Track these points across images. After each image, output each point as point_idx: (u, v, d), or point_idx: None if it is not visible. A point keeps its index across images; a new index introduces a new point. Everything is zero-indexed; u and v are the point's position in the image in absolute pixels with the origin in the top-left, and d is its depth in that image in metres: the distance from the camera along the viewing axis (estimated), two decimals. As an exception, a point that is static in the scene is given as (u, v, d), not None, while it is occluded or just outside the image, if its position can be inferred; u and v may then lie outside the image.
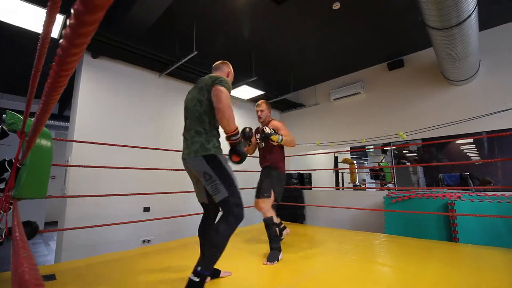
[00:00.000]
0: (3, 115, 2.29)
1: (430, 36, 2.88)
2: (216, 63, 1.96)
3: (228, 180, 1.54)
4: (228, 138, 1.61)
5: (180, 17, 3.40)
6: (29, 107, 1.16)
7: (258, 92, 4.81)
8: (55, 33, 2.88)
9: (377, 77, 4.85)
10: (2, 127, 2.04)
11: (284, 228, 2.93)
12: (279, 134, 2.38)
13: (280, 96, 5.28)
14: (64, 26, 2.75)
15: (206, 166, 1.54)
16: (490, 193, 3.29)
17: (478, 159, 4.23)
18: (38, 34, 2.82)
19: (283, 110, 6.28)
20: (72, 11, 0.22)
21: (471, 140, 4.12)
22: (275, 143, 2.44)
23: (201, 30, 3.64)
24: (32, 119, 1.90)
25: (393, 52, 4.44)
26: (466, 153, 4.40)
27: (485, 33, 3.69)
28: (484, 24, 3.56)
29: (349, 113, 5.14)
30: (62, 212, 3.10)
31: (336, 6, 3.24)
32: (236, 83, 4.42)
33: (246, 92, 4.77)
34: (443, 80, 3.96)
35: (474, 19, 2.57)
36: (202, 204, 1.84)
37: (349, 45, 4.21)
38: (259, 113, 2.62)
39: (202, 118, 1.63)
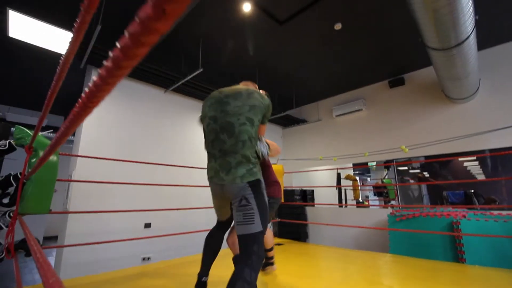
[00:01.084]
0: (12, 129, 2.33)
1: (430, 56, 2.95)
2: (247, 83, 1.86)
3: (265, 213, 1.37)
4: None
5: (187, 36, 3.51)
6: (40, 123, 1.18)
7: (261, 108, 4.87)
8: (62, 49, 2.98)
9: (378, 95, 4.91)
10: (10, 142, 2.07)
11: (272, 264, 2.36)
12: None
13: (283, 112, 5.34)
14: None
15: (248, 191, 1.36)
16: (496, 212, 3.24)
17: (482, 176, 4.20)
18: (45, 50, 2.93)
19: (285, 126, 6.32)
20: (118, 45, 0.24)
21: (474, 158, 4.11)
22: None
23: (207, 48, 3.75)
24: (40, 133, 1.93)
25: (393, 70, 4.53)
26: (469, 170, 4.38)
27: (484, 53, 3.78)
28: (483, 44, 3.65)
29: (351, 130, 5.17)
30: (63, 228, 3.07)
31: (338, 26, 3.34)
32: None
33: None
34: (444, 98, 4.01)
35: (472, 40, 2.64)
36: (219, 221, 1.75)
37: (350, 63, 4.30)
38: None
39: (252, 141, 1.43)
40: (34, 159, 1.97)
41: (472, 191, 4.09)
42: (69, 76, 4.42)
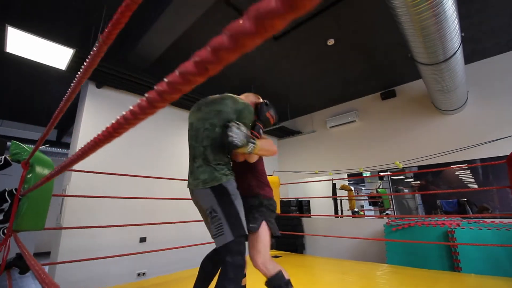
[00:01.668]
0: (8, 143, 2.31)
1: (419, 70, 3.07)
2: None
3: (234, 220, 1.28)
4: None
5: (183, 51, 3.58)
6: (41, 141, 1.19)
7: (256, 120, 4.93)
8: (62, 65, 3.01)
9: (371, 106, 5.03)
10: (5, 157, 2.05)
11: None
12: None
13: (278, 123, 5.41)
14: (74, 59, 2.87)
15: (213, 199, 1.30)
16: (488, 220, 3.30)
17: (474, 185, 4.28)
18: (40, 64, 2.94)
19: (281, 137, 6.38)
20: (156, 88, 0.26)
21: (466, 166, 4.21)
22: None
23: (203, 63, 3.82)
24: (32, 146, 1.92)
25: (385, 83, 4.67)
26: (462, 179, 4.47)
27: (471, 66, 3.94)
28: (469, 58, 3.82)
29: (345, 140, 5.25)
30: (56, 244, 3.00)
31: (331, 42, 3.46)
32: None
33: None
34: (434, 109, 4.13)
35: (459, 55, 2.77)
36: None
37: (343, 76, 4.42)
38: None
39: (214, 146, 1.38)
40: (30, 175, 1.95)
41: (465, 199, 4.16)
42: (65, 90, 4.44)
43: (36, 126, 5.89)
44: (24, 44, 2.65)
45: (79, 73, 0.56)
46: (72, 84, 0.65)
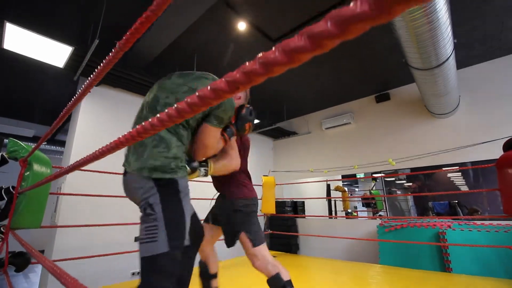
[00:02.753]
0: (5, 140, 2.30)
1: (413, 75, 3.14)
2: None
3: (177, 227, 0.96)
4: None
5: (182, 51, 3.59)
6: (43, 139, 1.21)
7: (253, 121, 4.97)
8: (60, 62, 3.00)
9: (365, 109, 5.11)
10: (2, 154, 2.05)
11: None
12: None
13: (274, 124, 5.46)
14: (72, 57, 2.87)
15: (154, 194, 0.96)
16: (478, 222, 3.40)
17: (465, 187, 4.39)
18: (36, 61, 2.93)
19: (276, 138, 6.43)
20: (187, 100, 0.29)
21: (457, 168, 4.31)
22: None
23: (201, 63, 3.84)
24: (30, 143, 1.92)
25: (379, 86, 4.75)
26: (453, 181, 4.57)
27: (462, 71, 4.04)
28: (461, 63, 3.91)
29: (341, 142, 5.32)
30: (51, 242, 2.98)
31: (327, 45, 3.51)
32: (232, 112, 4.56)
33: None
34: (427, 113, 4.22)
35: (452, 61, 2.85)
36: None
37: (338, 79, 4.49)
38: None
39: (177, 130, 1.07)
40: (27, 173, 1.95)
41: (456, 201, 4.27)
42: (60, 87, 4.41)
43: (29, 123, 5.82)
44: (22, 41, 2.64)
45: (91, 76, 0.58)
46: (82, 87, 0.67)
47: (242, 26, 3.13)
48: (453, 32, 2.50)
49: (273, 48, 0.20)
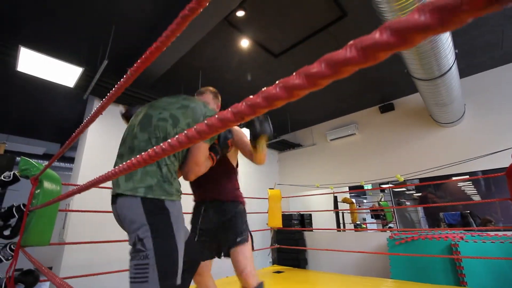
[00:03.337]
0: (17, 158, 2.36)
1: (416, 85, 3.16)
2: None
3: (169, 263, 0.89)
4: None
5: (187, 68, 3.70)
6: (55, 158, 1.25)
7: (257, 134, 5.01)
8: (71, 82, 3.11)
9: (370, 119, 5.11)
10: (14, 173, 2.10)
11: None
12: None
13: (278, 136, 5.48)
14: (82, 77, 2.98)
15: (144, 225, 0.88)
16: (492, 233, 3.29)
17: (477, 196, 4.29)
18: (47, 81, 3.04)
19: (281, 150, 6.43)
20: (193, 129, 0.31)
21: (467, 177, 4.23)
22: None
23: (205, 79, 3.93)
24: (40, 161, 1.97)
25: (383, 96, 4.77)
26: (464, 190, 4.47)
27: (466, 80, 4.04)
28: (465, 72, 3.93)
29: (346, 153, 5.30)
30: (58, 259, 2.99)
31: (329, 58, 3.57)
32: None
33: (246, 133, 4.97)
34: (433, 122, 4.20)
35: (454, 70, 2.86)
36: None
37: (342, 91, 4.53)
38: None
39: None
40: (38, 190, 1.99)
41: (468, 212, 4.15)
42: (70, 105, 4.54)
43: (40, 141, 5.97)
44: (35, 63, 2.76)
45: (103, 100, 0.62)
46: (93, 108, 0.71)
47: (245, 43, 3.23)
48: (453, 42, 2.53)
49: (275, 85, 0.22)
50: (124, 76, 0.53)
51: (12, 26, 2.91)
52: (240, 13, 2.80)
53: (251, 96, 0.23)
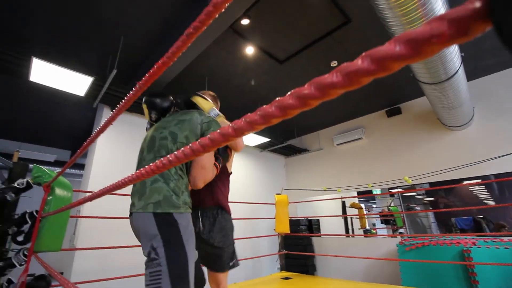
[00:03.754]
0: (30, 165, 2.43)
1: (422, 89, 3.13)
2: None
3: (181, 273, 0.94)
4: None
5: (193, 76, 3.76)
6: (67, 166, 1.29)
7: (264, 139, 5.04)
8: (81, 91, 3.20)
9: (377, 123, 5.08)
10: (27, 180, 2.16)
11: None
12: None
13: (285, 142, 5.49)
14: (92, 86, 3.06)
15: (156, 236, 0.95)
16: (506, 238, 3.20)
17: (490, 201, 4.18)
18: (56, 90, 3.13)
19: (288, 155, 6.43)
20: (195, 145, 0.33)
21: (480, 181, 4.13)
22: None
23: (212, 85, 3.99)
24: (52, 168, 2.03)
25: (389, 100, 4.74)
26: (476, 194, 4.36)
27: (475, 83, 3.99)
28: (472, 75, 3.88)
29: (353, 158, 5.26)
30: (69, 265, 3.04)
31: (334, 63, 3.59)
32: (243, 132, 4.65)
33: (252, 139, 5.01)
34: (441, 125, 4.15)
35: (461, 74, 2.83)
36: None
37: (347, 95, 4.51)
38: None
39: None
40: (50, 197, 2.05)
41: (481, 216, 4.04)
42: (80, 113, 4.66)
43: (51, 148, 6.13)
44: (46, 73, 2.85)
45: (114, 111, 0.65)
46: (105, 119, 0.74)
47: (250, 50, 3.27)
48: (459, 46, 2.52)
49: (271, 104, 0.24)
50: (133, 89, 0.56)
51: (25, 39, 3.03)
52: (245, 21, 2.85)
53: (249, 114, 0.25)
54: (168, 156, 0.36)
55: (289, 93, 0.23)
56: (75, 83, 2.99)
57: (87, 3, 2.63)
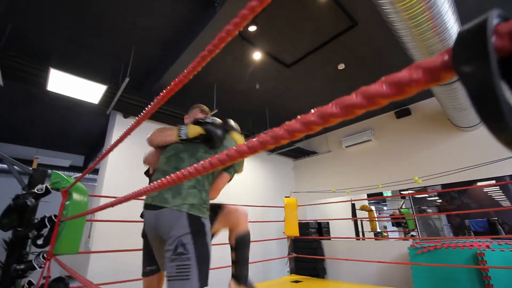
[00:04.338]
0: (48, 171, 2.54)
1: (432, 90, 3.11)
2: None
3: (205, 266, 1.06)
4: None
5: (203, 81, 3.84)
6: (86, 173, 1.35)
7: (272, 143, 5.06)
8: (96, 99, 3.31)
9: (386, 125, 5.04)
10: (46, 186, 2.26)
11: None
12: None
13: (293, 144, 5.50)
14: (105, 94, 3.17)
15: (187, 234, 1.05)
16: (522, 242, 3.12)
17: (506, 202, 4.08)
18: (72, 98, 3.25)
19: (296, 158, 6.43)
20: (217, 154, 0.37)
21: (494, 182, 4.04)
22: None
23: (220, 91, 4.06)
24: (67, 173, 2.11)
25: (399, 101, 4.70)
26: (491, 196, 4.26)
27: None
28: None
29: (362, 160, 5.22)
30: (85, 267, 3.13)
31: (341, 66, 3.60)
32: (252, 136, 4.70)
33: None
34: (452, 126, 4.08)
35: (471, 74, 2.80)
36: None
37: (356, 97, 4.51)
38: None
39: (204, 176, 1.27)
40: (68, 202, 2.13)
41: (496, 218, 3.95)
42: (94, 120, 4.81)
43: (66, 153, 6.33)
44: (63, 83, 2.98)
45: (132, 123, 0.70)
46: (124, 130, 0.79)
47: (257, 55, 3.32)
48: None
49: (280, 128, 0.28)
50: (152, 103, 0.61)
51: (43, 51, 3.17)
52: (252, 28, 2.90)
53: (262, 134, 0.29)
54: (195, 164, 0.40)
55: (292, 120, 0.26)
56: (89, 91, 3.10)
57: (101, 15, 2.74)
